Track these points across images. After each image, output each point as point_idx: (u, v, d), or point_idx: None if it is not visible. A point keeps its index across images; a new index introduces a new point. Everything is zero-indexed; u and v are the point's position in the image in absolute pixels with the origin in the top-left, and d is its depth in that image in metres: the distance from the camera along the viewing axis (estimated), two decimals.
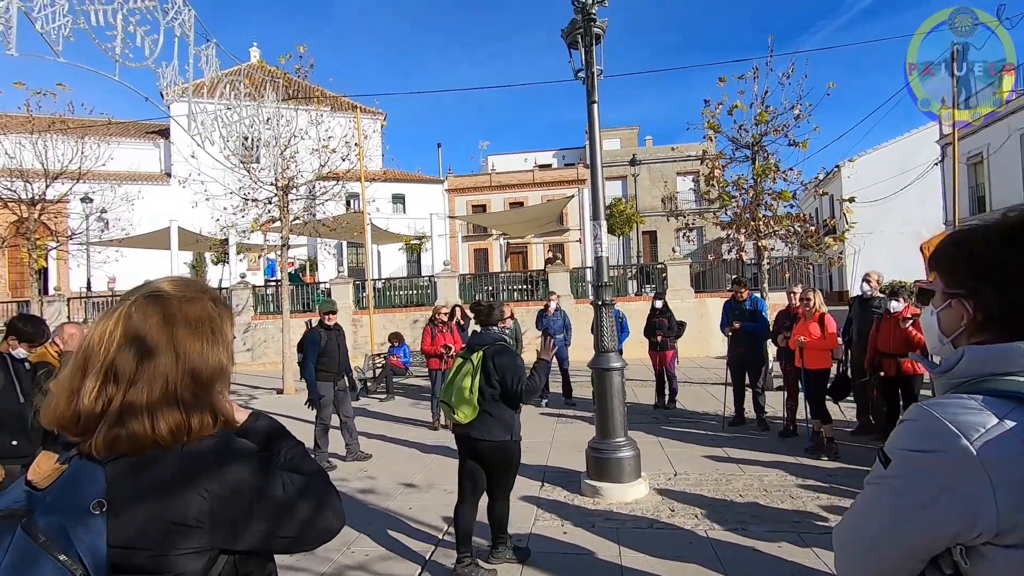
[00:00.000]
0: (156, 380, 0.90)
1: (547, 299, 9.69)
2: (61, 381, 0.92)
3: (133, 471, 0.87)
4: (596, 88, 4.98)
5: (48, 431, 0.96)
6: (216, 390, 0.99)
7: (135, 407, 0.88)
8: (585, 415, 8.29)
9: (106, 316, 0.94)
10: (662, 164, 33.58)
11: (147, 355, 0.91)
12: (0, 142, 12.05)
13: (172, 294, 0.98)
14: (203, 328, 0.98)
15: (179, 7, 6.35)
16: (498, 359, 3.45)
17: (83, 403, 0.87)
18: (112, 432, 0.87)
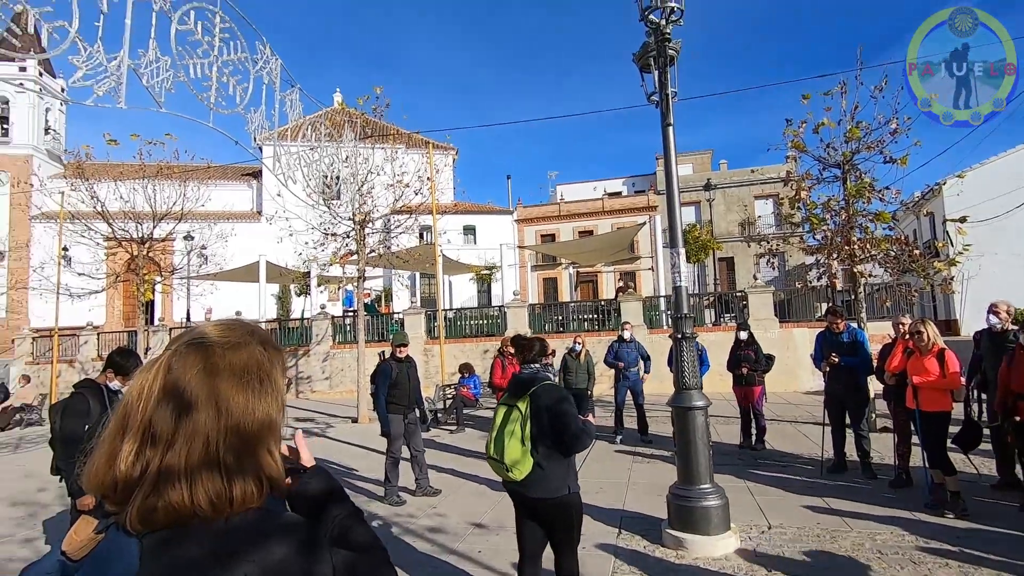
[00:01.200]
0: (195, 440, 0.80)
1: (620, 329, 9.31)
2: (102, 442, 0.83)
3: (166, 548, 0.76)
4: (671, 110, 4.76)
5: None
6: (263, 448, 0.87)
7: (173, 472, 0.78)
8: (664, 454, 7.80)
9: (146, 368, 0.85)
10: (738, 188, 32.32)
11: (185, 412, 0.80)
12: (117, 188, 13.40)
13: (215, 340, 0.88)
14: (249, 377, 0.87)
15: (267, 57, 6.79)
16: (550, 404, 3.05)
17: (120, 468, 0.78)
18: (148, 502, 0.77)
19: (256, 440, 0.85)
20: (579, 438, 3.02)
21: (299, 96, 7.52)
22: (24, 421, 13.53)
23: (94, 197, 12.91)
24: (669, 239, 4.85)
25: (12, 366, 20.48)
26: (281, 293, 29.10)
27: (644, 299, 16.96)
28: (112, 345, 21.22)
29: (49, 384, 17.60)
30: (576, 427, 3.01)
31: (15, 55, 4.36)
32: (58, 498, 6.79)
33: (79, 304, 16.28)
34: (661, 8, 4.39)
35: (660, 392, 13.16)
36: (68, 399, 3.62)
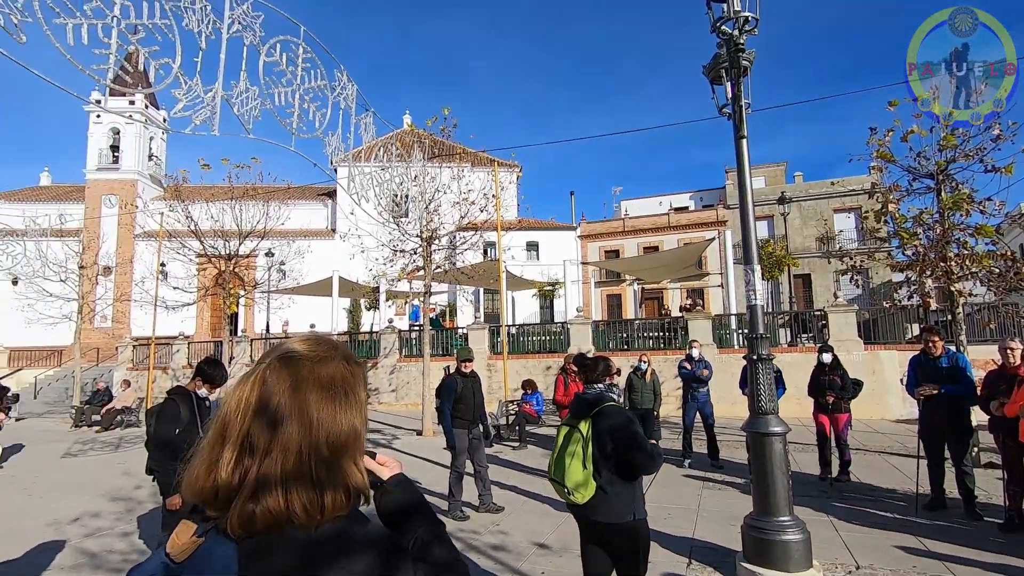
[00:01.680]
0: (290, 450, 0.83)
1: (688, 347, 8.99)
2: (202, 451, 0.88)
3: (262, 555, 0.80)
4: (744, 122, 4.59)
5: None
6: (350, 458, 0.89)
7: (269, 481, 0.82)
8: (736, 481, 7.41)
9: (243, 381, 0.90)
10: (816, 201, 30.67)
11: (279, 423, 0.85)
12: (209, 208, 14.52)
13: (304, 354, 0.92)
14: (336, 390, 0.90)
15: (344, 83, 7.17)
16: (612, 427, 2.94)
17: (221, 475, 0.83)
18: (247, 508, 0.81)
19: (343, 450, 0.87)
20: (644, 463, 2.90)
21: (373, 119, 7.89)
22: (124, 422, 14.74)
23: (188, 217, 14.03)
24: (743, 256, 4.65)
25: (116, 371, 22.42)
26: (352, 307, 30.31)
27: (713, 317, 16.33)
28: (201, 354, 22.82)
29: (146, 388, 19.14)
30: (642, 451, 2.89)
31: (127, 90, 4.83)
32: (151, 496, 7.32)
33: (173, 315, 17.68)
34: (734, 19, 4.27)
35: (731, 415, 12.61)
36: (162, 404, 3.90)
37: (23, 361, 26.91)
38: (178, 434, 3.75)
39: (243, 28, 5.60)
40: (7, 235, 15.33)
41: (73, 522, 6.25)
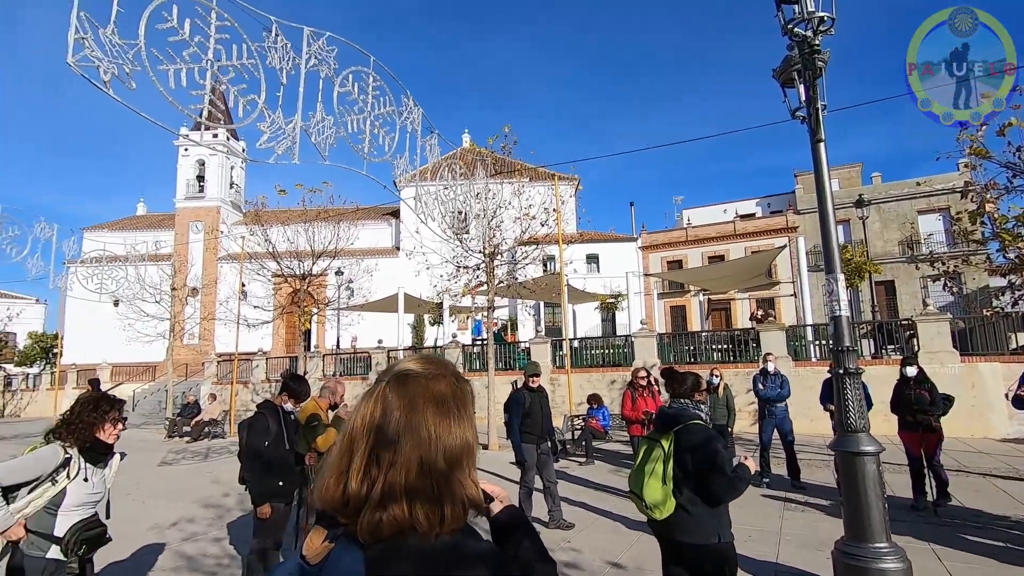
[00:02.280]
0: (411, 463, 0.89)
1: (763, 360, 8.60)
2: (331, 463, 0.95)
3: (385, 561, 0.86)
4: (822, 125, 4.39)
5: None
6: (464, 471, 0.94)
7: (394, 491, 0.88)
8: (819, 503, 6.98)
9: (366, 398, 0.96)
10: (897, 203, 28.75)
11: (400, 437, 0.91)
12: (285, 231, 15.41)
13: (420, 373, 0.98)
14: (450, 406, 0.96)
15: (411, 108, 7.46)
16: (694, 446, 2.85)
17: (351, 486, 0.89)
18: (375, 516, 0.87)
19: (457, 464, 0.92)
20: (722, 490, 2.78)
21: (437, 140, 8.15)
22: (211, 434, 15.74)
23: (267, 240, 14.92)
24: (825, 264, 4.42)
25: (202, 385, 24.01)
26: (416, 323, 31.09)
27: (787, 328, 15.55)
28: (278, 369, 24.05)
29: (229, 401, 20.37)
30: (722, 475, 2.77)
31: (218, 126, 5.25)
32: (238, 504, 7.75)
33: (253, 333, 18.79)
34: (807, 20, 4.12)
35: (810, 432, 11.92)
36: (252, 418, 4.15)
37: (123, 376, 29.31)
38: (267, 446, 3.97)
39: (319, 62, 5.97)
40: (111, 261, 16.86)
41: (171, 526, 6.71)
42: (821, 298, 24.25)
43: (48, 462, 2.71)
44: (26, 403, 29.91)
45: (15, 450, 14.80)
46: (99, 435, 2.87)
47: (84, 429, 2.84)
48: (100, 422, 2.87)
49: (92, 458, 2.85)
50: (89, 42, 3.98)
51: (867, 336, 17.19)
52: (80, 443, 2.82)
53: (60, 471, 2.70)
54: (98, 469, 2.89)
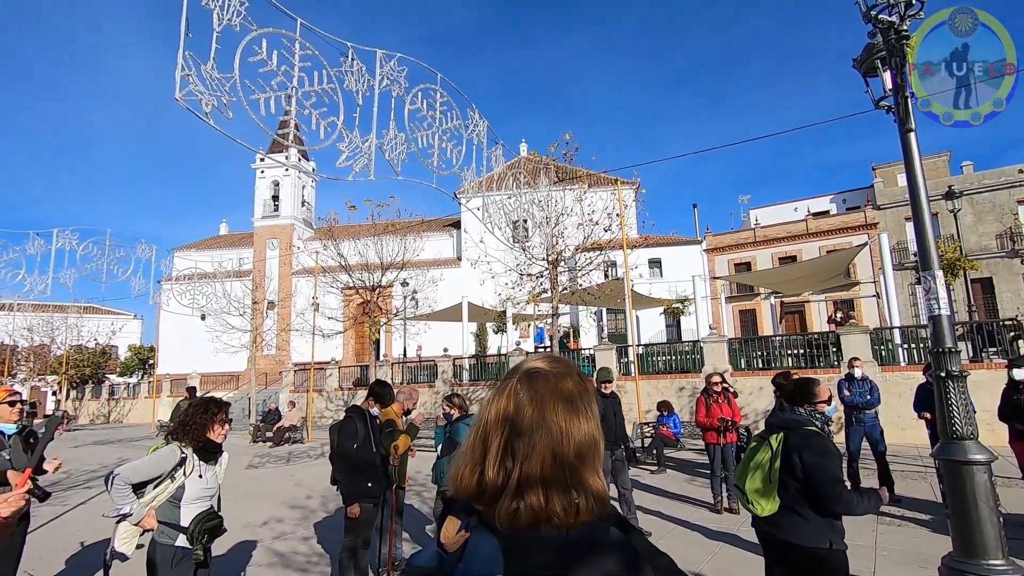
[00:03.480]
0: (546, 454, 0.94)
1: (848, 366, 8.13)
2: (463, 454, 1.01)
3: (521, 549, 0.90)
4: (911, 115, 4.16)
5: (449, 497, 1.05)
6: (592, 465, 0.97)
7: (531, 481, 0.92)
8: (917, 517, 6.51)
9: (497, 394, 1.02)
10: (993, 193, 26.47)
11: (535, 430, 0.95)
12: (356, 245, 16.11)
13: (548, 371, 1.02)
14: (576, 403, 1.00)
15: (476, 120, 7.66)
16: (805, 452, 2.79)
17: (488, 476, 0.94)
18: (513, 505, 0.91)
19: (587, 457, 0.96)
20: (841, 501, 2.71)
21: (502, 152, 8.32)
22: (292, 439, 16.59)
23: (340, 255, 15.64)
24: (919, 260, 4.16)
25: (280, 393, 25.37)
26: (479, 331, 31.53)
27: (871, 331, 14.61)
28: (349, 377, 25.08)
29: (305, 409, 21.39)
30: (839, 486, 2.70)
31: (301, 148, 5.60)
32: (321, 506, 8.14)
33: (326, 343, 19.66)
34: (893, 4, 3.92)
35: (902, 442, 11.14)
36: (342, 422, 4.38)
37: (210, 385, 31.43)
38: (355, 449, 4.18)
39: (391, 82, 6.25)
40: (201, 278, 18.21)
41: (262, 525, 7.13)
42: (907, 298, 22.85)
43: (167, 461, 2.99)
44: (128, 410, 32.63)
45: (124, 452, 16.21)
46: (210, 435, 3.13)
47: (197, 430, 3.10)
48: (210, 423, 3.14)
49: (204, 456, 3.11)
50: (193, 78, 4.37)
51: (964, 338, 15.87)
52: (194, 443, 3.09)
53: (178, 469, 2.97)
54: (210, 466, 3.15)
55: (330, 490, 9.29)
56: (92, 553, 5.94)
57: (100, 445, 18.67)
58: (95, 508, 8.57)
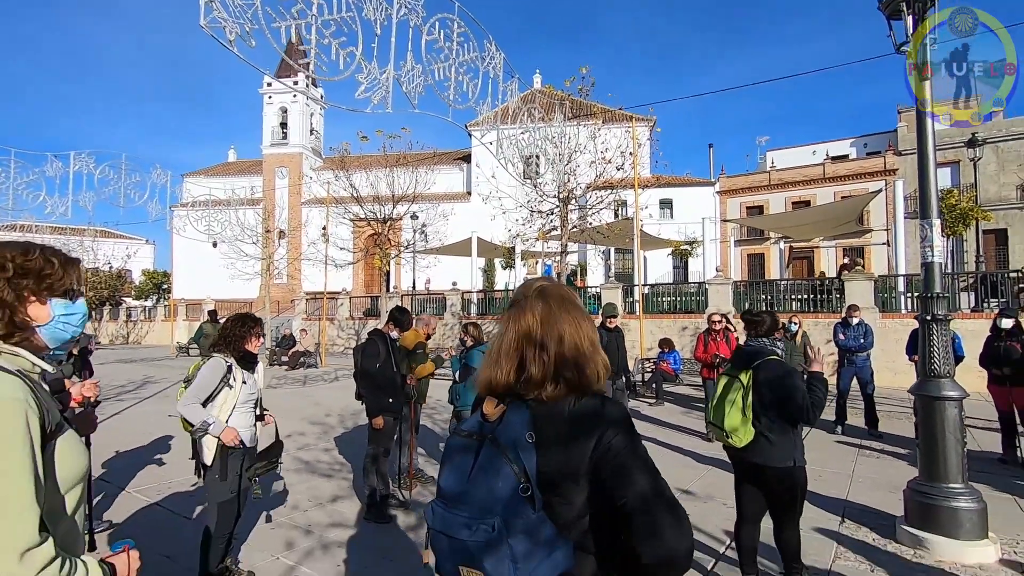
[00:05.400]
0: (570, 345, 1.23)
1: (846, 313, 8.38)
2: (494, 361, 1.27)
3: (545, 418, 1.19)
4: (931, 63, 4.18)
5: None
6: (592, 360, 1.26)
7: (567, 364, 1.22)
8: (895, 451, 6.97)
9: (519, 311, 1.28)
10: (1019, 141, 25.67)
11: (558, 330, 1.24)
12: (369, 176, 16.14)
13: (552, 287, 1.33)
14: (579, 309, 1.31)
15: (493, 53, 7.57)
16: (775, 380, 3.10)
17: (531, 369, 1.23)
18: (550, 386, 1.21)
19: (587, 351, 1.25)
20: (804, 411, 3.04)
21: (518, 85, 8.24)
22: (306, 363, 17.33)
23: (352, 186, 15.70)
24: (920, 209, 4.31)
25: (293, 321, 26.15)
26: (486, 267, 31.87)
27: (875, 278, 14.77)
28: (360, 308, 25.72)
29: (317, 336, 22.12)
30: (802, 401, 3.03)
31: (329, 79, 5.60)
32: (340, 422, 8.75)
33: (338, 273, 20.03)
34: None
35: (893, 385, 11.60)
36: (365, 343, 4.74)
37: (225, 310, 32.13)
38: (377, 368, 4.55)
39: (408, 11, 6.18)
40: (215, 205, 18.38)
41: (286, 438, 7.66)
42: (917, 247, 22.57)
43: (217, 371, 3.33)
44: (145, 332, 33.77)
45: (148, 370, 17.06)
46: (247, 346, 3.46)
47: (237, 342, 3.43)
48: (248, 335, 3.46)
49: (244, 366, 3.45)
50: (216, 5, 4.41)
51: (969, 289, 16.02)
52: (236, 353, 3.42)
53: (229, 376, 3.32)
54: (250, 374, 3.50)
55: (347, 409, 9.94)
56: (127, 458, 6.52)
57: (124, 363, 19.57)
58: (127, 419, 9.24)
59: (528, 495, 1.11)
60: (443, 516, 1.18)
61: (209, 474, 3.25)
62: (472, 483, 1.16)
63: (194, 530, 3.93)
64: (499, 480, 1.12)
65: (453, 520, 1.15)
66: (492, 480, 1.13)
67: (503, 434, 1.18)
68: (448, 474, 1.23)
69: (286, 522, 4.61)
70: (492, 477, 1.13)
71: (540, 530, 1.11)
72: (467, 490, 1.16)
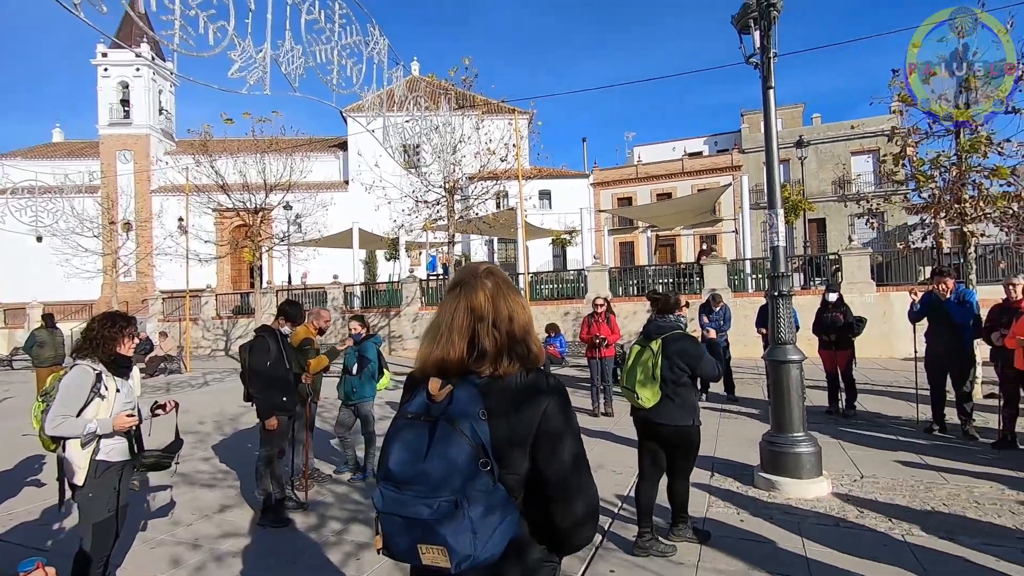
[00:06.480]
0: (516, 325, 1.33)
1: (711, 301, 9.28)
2: (440, 337, 1.32)
3: (492, 392, 1.26)
4: (772, 73, 4.84)
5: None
6: (532, 336, 1.37)
7: (517, 340, 1.31)
8: (750, 411, 8.01)
9: (469, 291, 1.35)
10: (833, 144, 30.24)
11: (507, 308, 1.34)
12: (236, 162, 14.83)
13: (498, 270, 1.43)
14: (519, 292, 1.43)
15: (377, 38, 7.37)
16: (686, 348, 3.62)
17: (485, 344, 1.29)
18: (505, 360, 1.29)
19: (528, 332, 1.36)
20: (711, 372, 3.70)
21: (403, 73, 8.10)
22: (168, 370, 15.64)
23: (217, 173, 14.35)
24: (767, 200, 5.00)
25: (147, 323, 23.35)
26: (367, 259, 30.85)
27: (728, 262, 16.67)
28: (228, 305, 23.65)
29: (179, 338, 20.01)
30: (709, 363, 3.65)
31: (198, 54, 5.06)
32: (216, 429, 8.09)
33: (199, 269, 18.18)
34: None
35: (745, 356, 13.18)
36: (253, 341, 4.44)
37: (59, 315, 27.92)
38: (268, 366, 4.30)
39: None
40: (42, 192, 15.77)
41: None
42: (760, 234, 25.80)
43: (85, 380, 2.94)
44: None
45: None
46: (119, 349, 3.11)
47: (107, 344, 3.06)
48: (119, 337, 3.10)
49: (116, 372, 3.10)
50: None
51: (799, 270, 18.65)
52: (106, 358, 3.06)
53: (99, 385, 2.97)
54: (124, 381, 3.16)
55: (223, 413, 9.20)
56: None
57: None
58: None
59: (488, 469, 1.17)
60: (395, 498, 1.20)
61: (81, 494, 2.90)
62: (428, 462, 1.18)
63: (58, 562, 3.47)
64: (458, 456, 1.17)
65: (408, 500, 1.17)
66: (451, 457, 1.17)
67: (455, 412, 1.22)
68: (398, 457, 1.23)
69: (168, 539, 4.23)
70: (451, 454, 1.17)
71: (495, 500, 1.18)
72: (424, 470, 1.18)
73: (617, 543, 3.88)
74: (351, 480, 5.48)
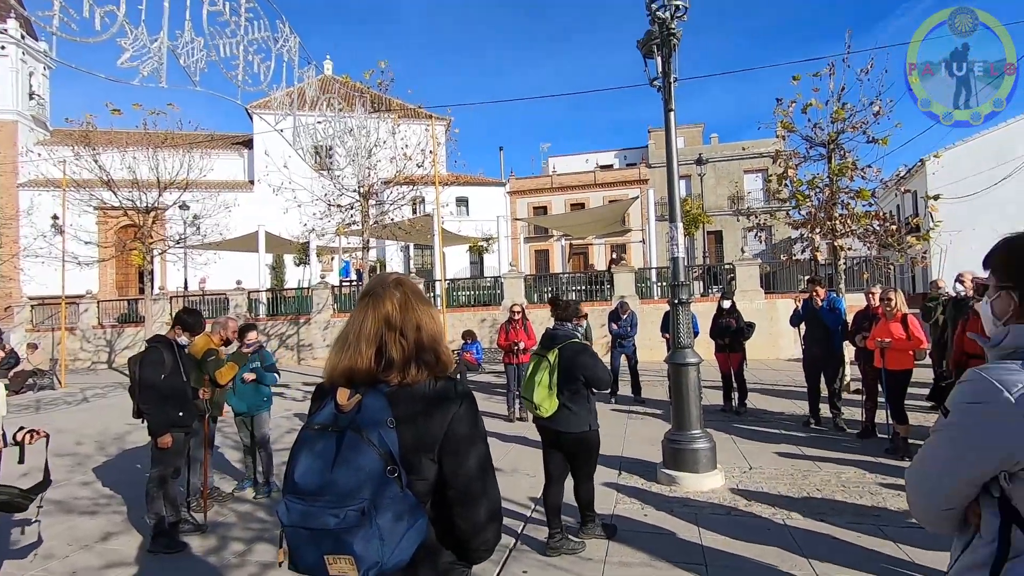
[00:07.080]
0: (424, 334, 1.35)
1: (621, 308, 9.76)
2: (348, 347, 1.33)
3: (402, 401, 1.28)
4: (673, 96, 5.22)
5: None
6: (442, 345, 1.40)
7: (425, 349, 1.33)
8: (655, 412, 8.48)
9: (377, 300, 1.36)
10: (728, 162, 32.80)
11: (415, 318, 1.36)
12: (124, 157, 13.55)
13: (408, 280, 1.45)
14: (429, 302, 1.45)
15: (287, 35, 7.10)
16: (578, 358, 3.69)
17: (393, 353, 1.31)
18: (413, 368, 1.31)
19: (439, 338, 1.40)
20: (603, 379, 3.77)
21: (315, 72, 7.85)
22: (37, 385, 13.94)
23: (101, 168, 13.05)
24: (669, 215, 5.37)
25: (12, 333, 20.67)
26: (275, 264, 29.29)
27: (636, 270, 17.55)
28: (111, 313, 21.46)
29: (51, 350, 17.92)
30: (602, 371, 3.75)
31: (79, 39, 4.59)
32: (98, 450, 7.35)
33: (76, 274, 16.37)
34: (667, 4, 4.81)
35: (650, 360, 13.91)
36: (145, 352, 4.10)
37: None
38: (163, 379, 3.99)
39: None
40: None
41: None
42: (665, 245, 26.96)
43: None
44: None
45: None
46: None
47: None
48: None
49: None
50: None
51: (699, 278, 20.02)
52: None
53: None
54: None
55: (104, 433, 8.38)
56: None
57: None
58: None
59: (396, 476, 1.19)
60: (302, 511, 1.18)
61: None
62: (336, 472, 1.18)
63: None
64: (366, 465, 1.17)
65: (316, 512, 1.16)
66: (359, 467, 1.17)
67: (363, 421, 1.23)
68: (304, 468, 1.22)
69: (39, 574, 3.79)
70: (358, 463, 1.17)
71: (403, 506, 1.19)
72: (331, 480, 1.17)
73: (530, 544, 3.99)
74: (256, 497, 5.20)
